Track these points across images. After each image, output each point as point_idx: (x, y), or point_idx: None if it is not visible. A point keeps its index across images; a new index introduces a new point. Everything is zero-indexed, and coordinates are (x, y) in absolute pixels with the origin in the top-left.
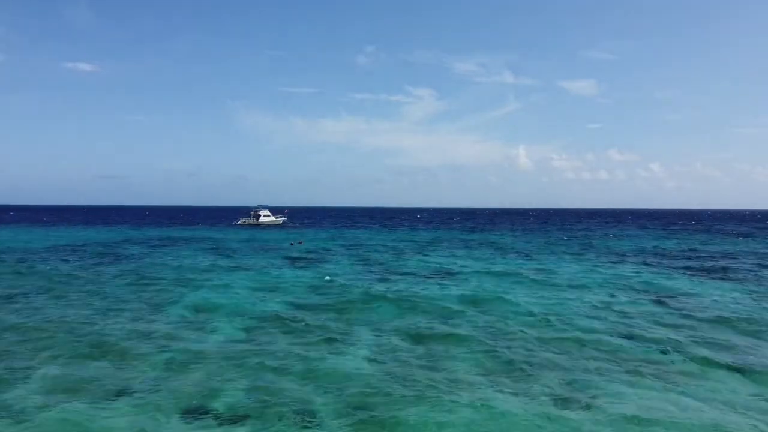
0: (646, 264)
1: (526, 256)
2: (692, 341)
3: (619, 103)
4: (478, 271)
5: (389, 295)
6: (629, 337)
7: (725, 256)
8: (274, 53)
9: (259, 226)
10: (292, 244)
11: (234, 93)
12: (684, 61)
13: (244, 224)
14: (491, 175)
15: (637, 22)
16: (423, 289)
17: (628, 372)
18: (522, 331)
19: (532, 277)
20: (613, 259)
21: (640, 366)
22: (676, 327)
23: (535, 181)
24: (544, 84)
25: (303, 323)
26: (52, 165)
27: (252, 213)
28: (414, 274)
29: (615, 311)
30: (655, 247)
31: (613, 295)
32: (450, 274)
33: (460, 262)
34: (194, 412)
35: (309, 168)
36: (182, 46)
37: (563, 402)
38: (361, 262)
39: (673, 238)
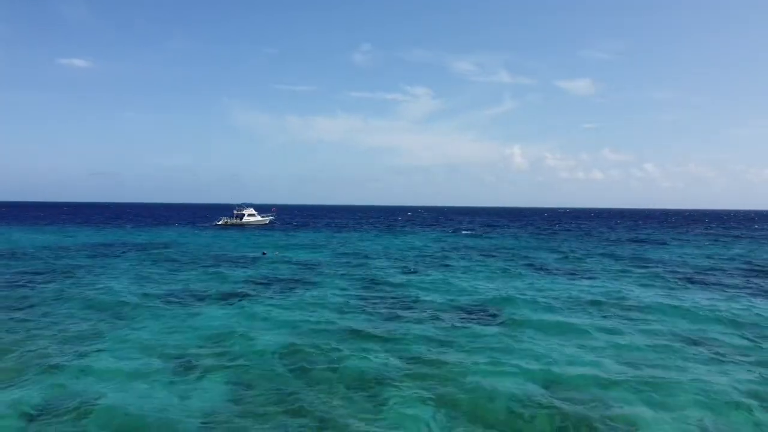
0: None
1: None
2: None
3: (614, 102)
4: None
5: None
6: None
7: None
8: (269, 51)
9: (242, 226)
10: (264, 253)
11: (229, 90)
12: (680, 61)
13: (225, 224)
14: (487, 174)
15: (634, 21)
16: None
17: None
18: None
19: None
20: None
21: None
22: None
23: (530, 180)
24: (540, 83)
25: None
26: (46, 161)
27: (235, 212)
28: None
29: None
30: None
31: None
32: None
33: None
34: None
35: (304, 166)
36: (177, 42)
37: None
38: (359, 294)
39: (736, 245)
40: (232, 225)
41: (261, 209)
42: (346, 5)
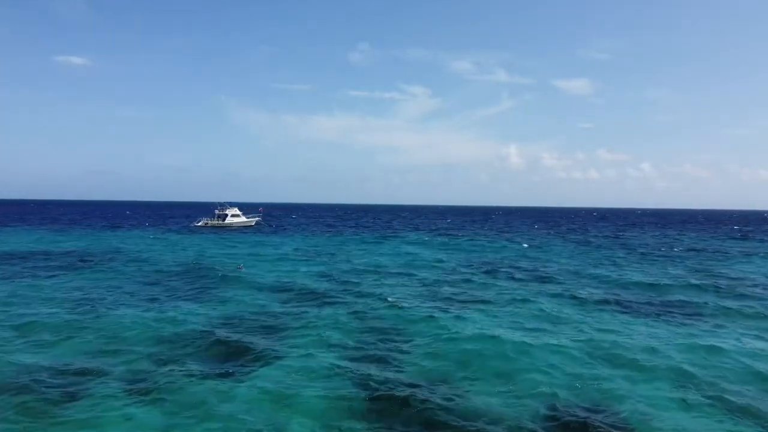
0: None
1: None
2: None
3: (611, 102)
4: None
5: None
6: None
7: None
8: (267, 49)
9: (224, 228)
10: (240, 267)
11: (226, 89)
12: (677, 61)
13: (206, 225)
14: (483, 174)
15: (632, 21)
16: None
17: None
18: None
19: None
20: None
21: None
22: None
23: (527, 180)
24: (537, 83)
25: None
26: (44, 160)
27: (217, 212)
28: None
29: None
30: None
31: None
32: None
33: None
34: None
35: (300, 165)
36: (175, 41)
37: None
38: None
39: None
40: (213, 226)
41: (253, 208)
42: (344, 4)
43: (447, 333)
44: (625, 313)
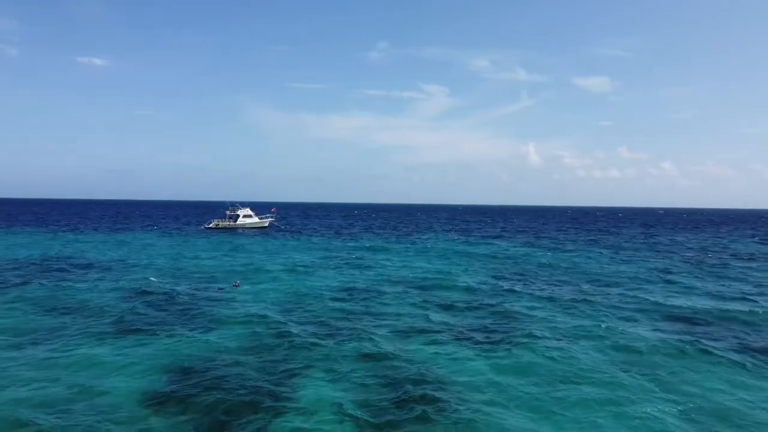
0: None
1: None
2: None
3: (631, 100)
4: None
5: None
6: None
7: None
8: (282, 48)
9: (235, 230)
10: (236, 285)
11: (242, 88)
12: (699, 58)
13: (217, 227)
14: (501, 173)
15: (653, 17)
16: None
17: None
18: None
19: None
20: None
21: None
22: None
23: (546, 179)
24: (556, 81)
25: None
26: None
27: (228, 212)
28: None
29: None
30: None
31: None
32: None
33: None
34: None
35: (316, 164)
36: (192, 41)
37: None
38: None
39: None
40: (224, 228)
41: (267, 208)
42: (362, 3)
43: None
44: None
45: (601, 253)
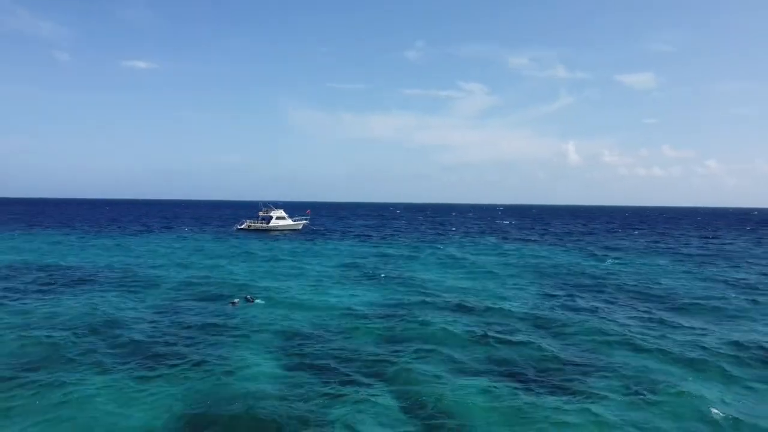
0: None
1: None
2: None
3: (677, 96)
4: None
5: None
6: None
7: None
8: (323, 50)
9: (268, 231)
10: (249, 300)
11: (284, 90)
12: (747, 51)
13: (249, 228)
14: (540, 171)
15: (700, 10)
16: None
17: None
18: None
19: None
20: None
21: None
22: None
23: (586, 177)
24: (598, 78)
25: None
26: (112, 160)
27: (260, 213)
28: None
29: None
30: None
31: None
32: None
33: None
34: None
35: (357, 164)
36: (234, 43)
37: None
38: None
39: None
40: (256, 230)
41: (303, 208)
42: (400, 2)
43: None
44: None
45: (680, 263)
